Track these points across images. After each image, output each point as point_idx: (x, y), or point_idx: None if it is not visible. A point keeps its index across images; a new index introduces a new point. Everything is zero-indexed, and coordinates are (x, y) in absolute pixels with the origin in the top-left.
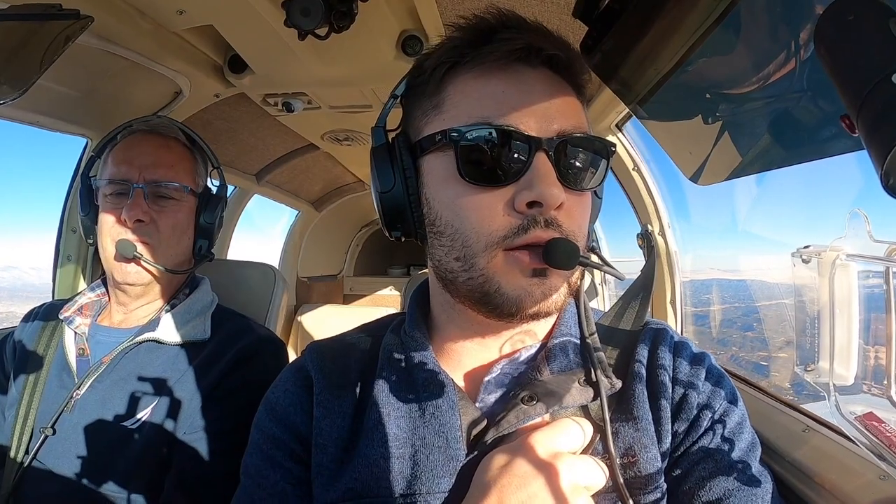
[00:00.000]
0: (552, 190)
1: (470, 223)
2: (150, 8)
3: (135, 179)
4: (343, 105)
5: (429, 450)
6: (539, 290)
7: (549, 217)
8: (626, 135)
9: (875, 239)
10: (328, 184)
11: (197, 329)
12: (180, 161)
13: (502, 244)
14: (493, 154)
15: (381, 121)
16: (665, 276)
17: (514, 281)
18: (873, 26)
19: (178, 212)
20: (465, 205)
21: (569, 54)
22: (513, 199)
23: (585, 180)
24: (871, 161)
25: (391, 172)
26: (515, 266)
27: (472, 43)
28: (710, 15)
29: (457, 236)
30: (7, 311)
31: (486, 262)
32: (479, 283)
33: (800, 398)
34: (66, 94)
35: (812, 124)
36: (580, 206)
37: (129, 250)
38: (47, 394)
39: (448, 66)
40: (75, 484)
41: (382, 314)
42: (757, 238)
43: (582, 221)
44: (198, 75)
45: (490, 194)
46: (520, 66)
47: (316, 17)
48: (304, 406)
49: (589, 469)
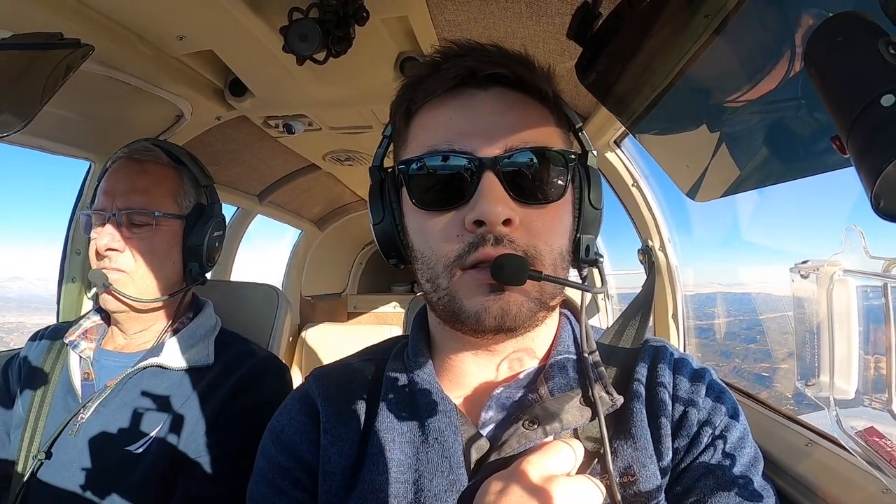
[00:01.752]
0: (495, 207)
1: (429, 246)
2: (150, 34)
3: (109, 208)
4: (343, 126)
5: (432, 475)
6: (496, 306)
7: (497, 234)
8: (624, 151)
9: (871, 255)
10: (330, 203)
11: (200, 354)
12: (156, 185)
13: (457, 263)
14: (441, 179)
15: (377, 161)
16: (667, 291)
17: (472, 298)
18: (863, 48)
19: (154, 237)
20: (424, 230)
21: (515, 69)
22: (463, 220)
23: (544, 193)
24: (862, 184)
25: (381, 206)
26: (472, 283)
27: (421, 78)
28: (701, 34)
29: (424, 259)
30: (17, 321)
31: (448, 282)
32: (446, 301)
33: (800, 408)
34: (68, 118)
35: (807, 139)
36: (544, 219)
37: (100, 280)
38: (52, 417)
39: (405, 105)
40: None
41: (386, 332)
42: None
43: (547, 235)
44: (199, 99)
45: (443, 217)
46: (471, 90)
47: (314, 43)
48: (311, 435)
49: (584, 489)
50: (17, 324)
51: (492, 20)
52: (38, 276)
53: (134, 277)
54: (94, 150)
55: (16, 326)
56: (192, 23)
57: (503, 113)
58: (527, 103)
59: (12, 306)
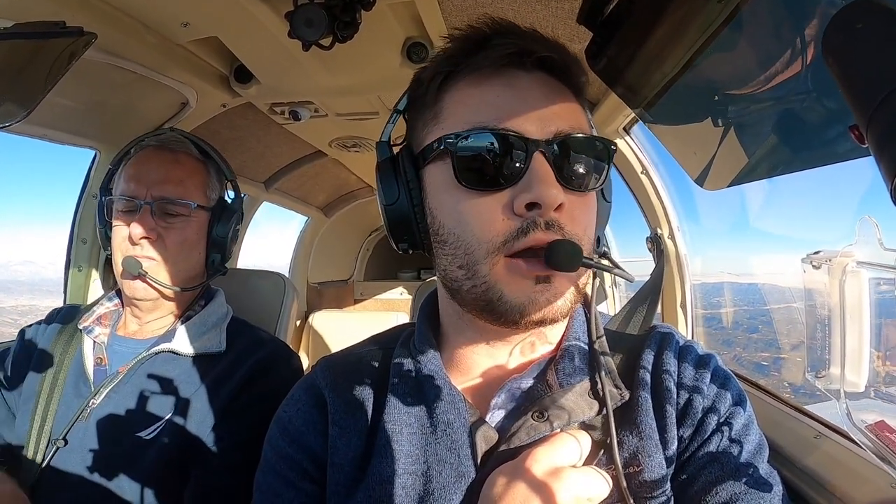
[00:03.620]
0: (550, 190)
1: (471, 229)
2: (154, 21)
3: (142, 196)
4: (350, 113)
5: (441, 467)
6: (544, 297)
7: (549, 219)
8: (633, 138)
9: (886, 247)
10: (337, 190)
11: (212, 341)
12: (190, 176)
13: (503, 249)
14: (491, 158)
15: (385, 135)
16: (675, 280)
17: (517, 288)
18: (883, 35)
19: (187, 228)
20: (465, 211)
21: (564, 57)
22: (512, 203)
23: (587, 181)
24: (881, 175)
25: (395, 185)
26: (517, 273)
27: (466, 52)
28: (714, 19)
29: (459, 244)
30: (30, 304)
31: (489, 270)
32: (482, 290)
33: (797, 396)
34: (73, 107)
35: (819, 128)
36: (583, 207)
37: (135, 267)
38: (64, 402)
39: (443, 77)
40: (90, 493)
41: (393, 318)
42: (765, 237)
43: (586, 223)
44: (204, 86)
45: (489, 198)
46: (514, 71)
47: (319, 28)
48: (318, 426)
49: (590, 481)
50: (30, 306)
51: (500, 4)
52: (49, 260)
53: (164, 266)
54: (100, 139)
55: (28, 309)
56: (196, 9)
57: (549, 97)
58: (565, 92)
59: (24, 289)
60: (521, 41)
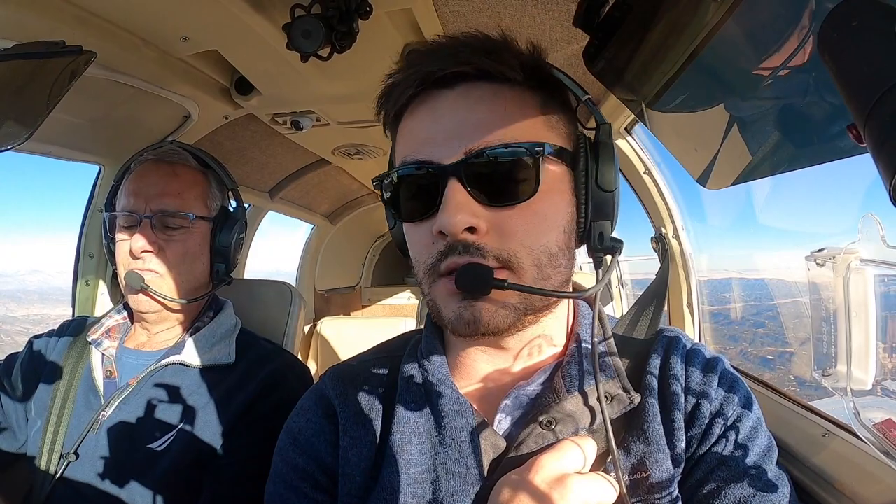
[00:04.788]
0: (452, 218)
1: (414, 254)
2: (153, 36)
3: (142, 210)
4: (351, 120)
5: (449, 476)
6: (468, 314)
7: (465, 242)
8: (635, 138)
9: (889, 245)
10: (341, 197)
11: (222, 353)
12: (189, 188)
13: (434, 271)
14: (413, 190)
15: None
16: (681, 279)
17: (448, 305)
18: (879, 32)
19: (188, 239)
20: (408, 237)
21: (479, 64)
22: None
23: (514, 192)
24: (879, 174)
25: (390, 213)
26: (446, 291)
27: (392, 88)
28: (710, 19)
29: (415, 265)
30: (41, 312)
31: (429, 289)
32: (432, 307)
33: (802, 389)
34: (75, 123)
35: (820, 124)
36: (517, 219)
37: (137, 282)
38: (75, 415)
39: (393, 115)
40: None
41: (401, 324)
42: (771, 233)
43: (523, 236)
44: (206, 98)
45: (420, 227)
46: (437, 92)
47: (317, 39)
48: (329, 436)
49: (596, 486)
50: (42, 315)
51: (496, 9)
52: (57, 269)
53: (167, 279)
54: (104, 154)
55: (41, 318)
56: (194, 24)
57: (469, 110)
58: (498, 94)
59: (34, 298)
60: (431, 64)
